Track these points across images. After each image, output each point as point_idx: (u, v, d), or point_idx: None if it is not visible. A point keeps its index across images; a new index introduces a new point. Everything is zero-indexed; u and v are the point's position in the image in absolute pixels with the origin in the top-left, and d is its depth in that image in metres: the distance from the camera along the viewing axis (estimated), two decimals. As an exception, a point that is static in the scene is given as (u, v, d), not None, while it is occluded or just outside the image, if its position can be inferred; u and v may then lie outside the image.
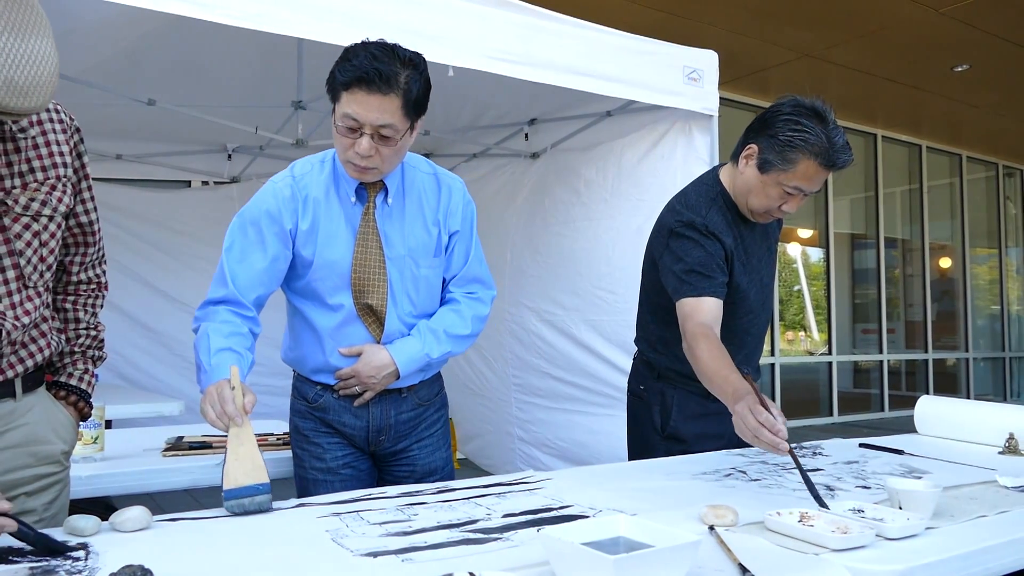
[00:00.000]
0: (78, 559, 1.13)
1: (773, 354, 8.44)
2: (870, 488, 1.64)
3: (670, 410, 2.13)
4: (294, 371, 1.98)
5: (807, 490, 1.45)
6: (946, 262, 10.78)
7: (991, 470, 1.79)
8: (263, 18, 2.35)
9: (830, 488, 1.63)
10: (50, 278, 1.45)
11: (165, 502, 3.29)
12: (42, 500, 1.45)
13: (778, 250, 2.30)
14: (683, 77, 3.24)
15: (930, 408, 2.38)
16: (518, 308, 4.48)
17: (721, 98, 3.39)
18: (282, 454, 2.17)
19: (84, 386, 1.57)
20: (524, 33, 2.83)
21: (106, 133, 4.46)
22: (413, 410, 1.94)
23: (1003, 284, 11.36)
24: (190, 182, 5.40)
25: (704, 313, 1.88)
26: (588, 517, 1.36)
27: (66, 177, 1.43)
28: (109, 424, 2.62)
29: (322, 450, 1.90)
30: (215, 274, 1.79)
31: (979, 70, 7.56)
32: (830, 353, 9.15)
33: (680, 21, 6.17)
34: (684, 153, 3.46)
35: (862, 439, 2.22)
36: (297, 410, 1.96)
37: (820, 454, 2.05)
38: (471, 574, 0.98)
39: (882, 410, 9.52)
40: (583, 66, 2.97)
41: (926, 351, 10.17)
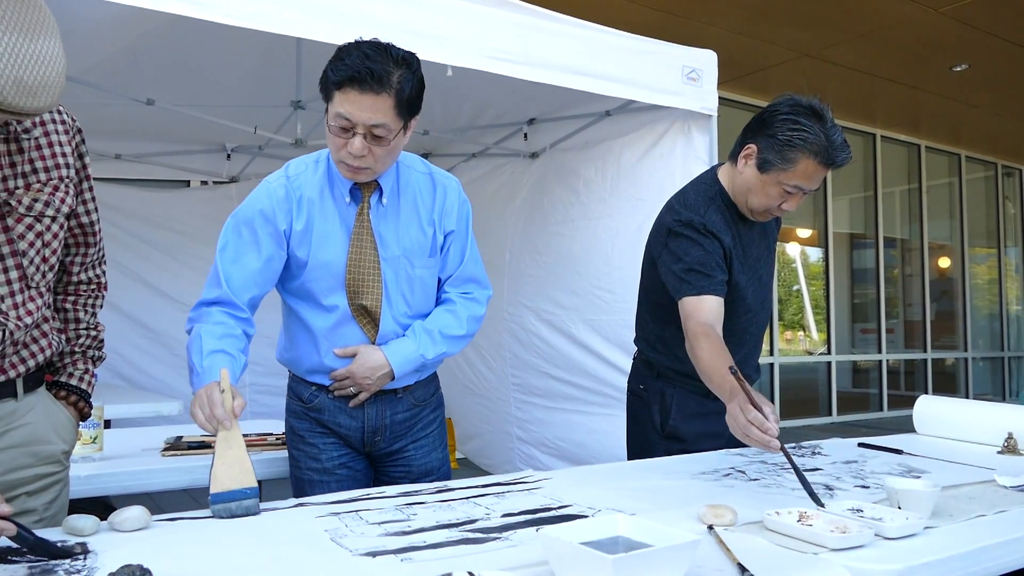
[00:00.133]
0: (77, 559, 1.13)
1: (772, 354, 8.44)
2: (869, 488, 1.64)
3: (669, 409, 2.14)
4: (289, 372, 1.97)
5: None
6: (945, 262, 10.78)
7: (990, 470, 1.79)
8: (262, 18, 2.35)
9: (829, 488, 1.63)
10: (52, 278, 1.46)
11: (164, 502, 3.29)
12: (42, 500, 1.46)
13: (777, 250, 2.30)
14: (682, 77, 3.24)
15: (929, 408, 2.38)
16: (517, 308, 4.48)
17: (720, 98, 3.39)
18: (281, 454, 2.17)
19: (84, 386, 1.58)
20: (523, 33, 2.83)
21: (105, 133, 4.46)
22: (409, 410, 1.93)
23: (1002, 284, 11.36)
24: (189, 182, 5.41)
25: (705, 312, 1.89)
26: (587, 517, 1.36)
27: (68, 178, 1.43)
28: (108, 424, 2.62)
29: (318, 450, 1.90)
30: (209, 275, 1.78)
31: (978, 70, 7.56)
32: (829, 353, 9.15)
33: (679, 21, 6.17)
34: (683, 153, 3.46)
35: (861, 439, 2.22)
36: (292, 411, 1.95)
37: (819, 454, 2.05)
38: (470, 574, 0.98)
39: (881, 410, 9.52)
40: (582, 66, 2.97)
41: (925, 351, 10.17)
